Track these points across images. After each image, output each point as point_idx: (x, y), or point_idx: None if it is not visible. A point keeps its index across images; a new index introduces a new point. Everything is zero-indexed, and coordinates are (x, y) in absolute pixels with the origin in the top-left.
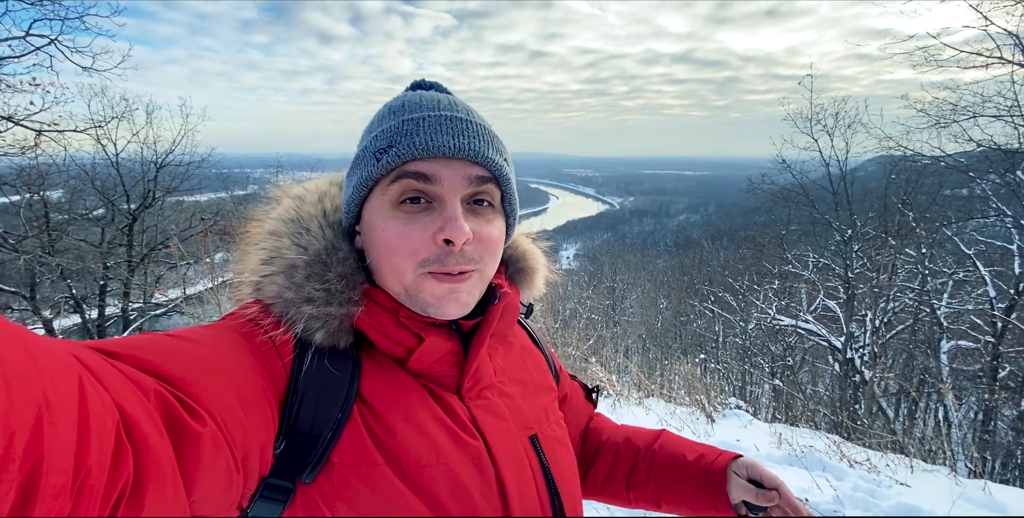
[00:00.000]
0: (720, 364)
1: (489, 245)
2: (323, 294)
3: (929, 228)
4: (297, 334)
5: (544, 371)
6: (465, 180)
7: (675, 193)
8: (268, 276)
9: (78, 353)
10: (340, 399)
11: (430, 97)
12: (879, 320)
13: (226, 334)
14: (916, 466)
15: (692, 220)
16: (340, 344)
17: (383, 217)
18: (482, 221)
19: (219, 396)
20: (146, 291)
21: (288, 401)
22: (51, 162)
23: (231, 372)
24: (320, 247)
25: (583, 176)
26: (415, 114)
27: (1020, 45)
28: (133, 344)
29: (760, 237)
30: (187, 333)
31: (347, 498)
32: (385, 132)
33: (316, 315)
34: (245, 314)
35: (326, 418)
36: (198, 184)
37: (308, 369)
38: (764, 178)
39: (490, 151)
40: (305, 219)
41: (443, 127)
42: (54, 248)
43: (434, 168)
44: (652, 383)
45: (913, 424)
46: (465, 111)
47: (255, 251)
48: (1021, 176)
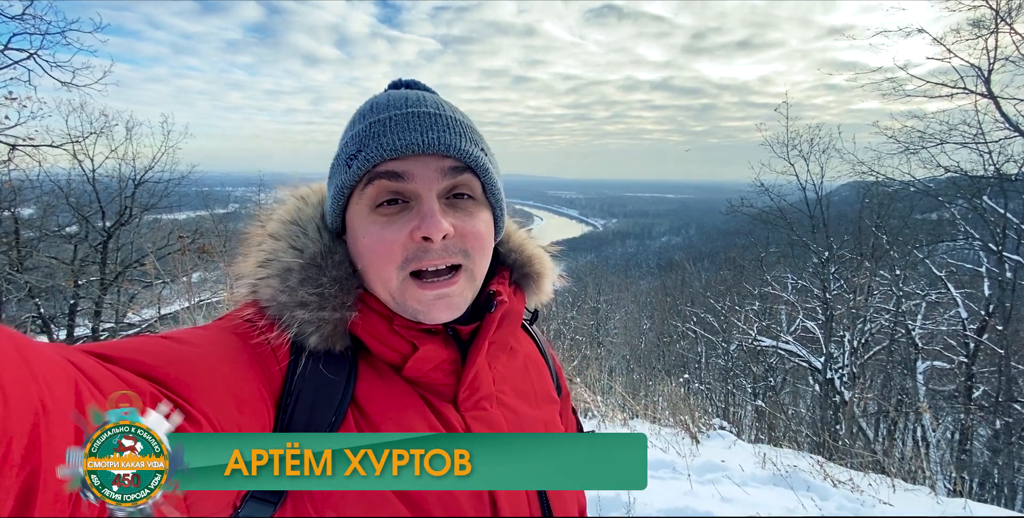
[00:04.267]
0: (703, 385)
1: (474, 239)
2: (316, 299)
3: (902, 251)
4: (291, 338)
5: (547, 381)
6: (439, 173)
7: (657, 215)
8: (264, 279)
9: (73, 357)
10: (335, 402)
11: (399, 96)
12: (857, 341)
13: (221, 335)
14: (898, 485)
15: (674, 242)
16: (336, 348)
17: (363, 224)
18: (463, 215)
19: (214, 398)
20: (119, 310)
21: (283, 402)
22: (24, 178)
23: (226, 373)
24: (316, 251)
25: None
26: (382, 115)
27: (982, 77)
28: (128, 347)
29: (740, 259)
30: (182, 335)
31: (335, 502)
32: (354, 137)
33: (309, 319)
34: (241, 315)
35: (320, 420)
36: (177, 202)
37: (303, 372)
38: (743, 201)
39: (462, 142)
40: (304, 221)
41: (410, 124)
42: (23, 266)
43: (404, 166)
44: (637, 404)
45: (893, 444)
46: (435, 105)
47: (255, 252)
48: (988, 201)
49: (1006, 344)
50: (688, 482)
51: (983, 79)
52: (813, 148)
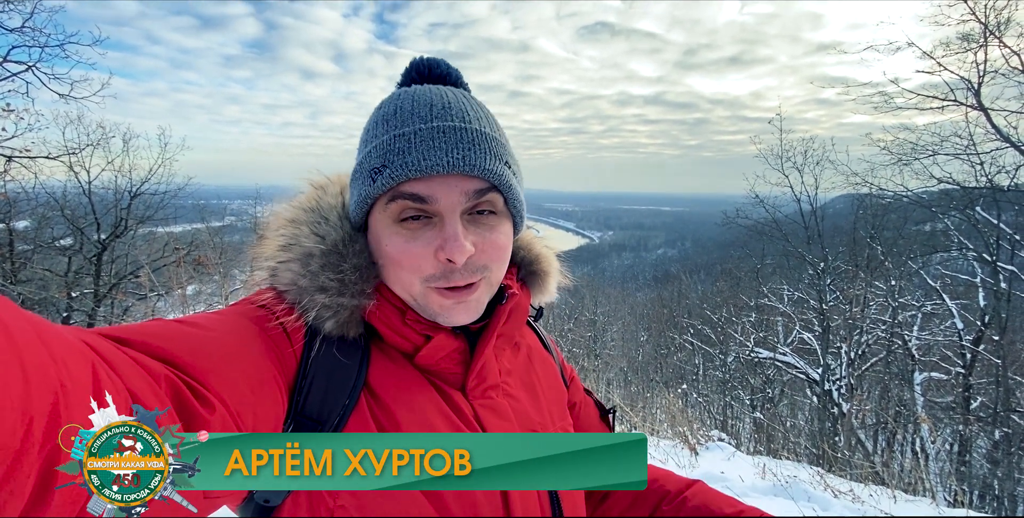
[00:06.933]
0: (701, 397)
1: (495, 252)
2: (337, 284)
3: (897, 262)
4: (308, 322)
5: (553, 374)
6: (463, 196)
7: (653, 228)
8: (284, 262)
9: (89, 340)
10: (348, 386)
11: (424, 100)
12: (854, 352)
13: (236, 320)
14: (898, 496)
15: (670, 254)
16: (350, 334)
17: (386, 232)
18: (485, 229)
19: (229, 381)
20: (112, 323)
21: (297, 386)
22: (20, 190)
23: (241, 357)
24: (337, 238)
25: (563, 210)
26: (407, 127)
27: (973, 89)
28: (143, 331)
29: (736, 270)
30: (197, 319)
31: (361, 500)
32: (378, 148)
33: (328, 304)
34: (258, 300)
35: (334, 404)
36: (173, 214)
37: (317, 356)
38: (739, 213)
39: (488, 161)
40: (325, 209)
41: (436, 141)
42: (16, 278)
43: (429, 188)
44: (635, 416)
45: (892, 456)
46: (460, 115)
47: (274, 237)
48: (981, 212)
49: (1003, 355)
50: None
51: (973, 92)
52: (807, 160)
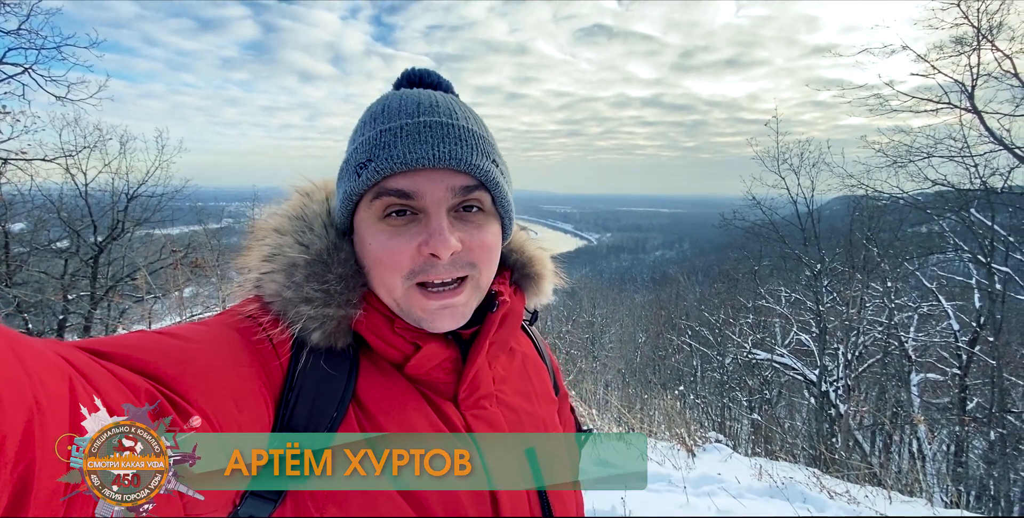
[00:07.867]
0: (699, 398)
1: (482, 252)
2: (322, 295)
3: (893, 263)
4: (295, 334)
5: (546, 381)
6: (449, 192)
7: (650, 229)
8: (268, 273)
9: (66, 353)
10: (336, 398)
11: (412, 99)
12: (851, 353)
13: (221, 331)
14: (894, 497)
15: (668, 256)
16: (337, 345)
17: (371, 230)
18: (472, 227)
19: (212, 394)
20: (108, 325)
21: (283, 399)
22: (16, 192)
23: (226, 370)
24: (322, 247)
25: (561, 212)
26: (393, 122)
27: (966, 92)
28: (123, 343)
29: (734, 272)
30: (180, 330)
31: (337, 500)
32: (365, 143)
33: (314, 316)
34: (244, 311)
35: (321, 417)
36: (170, 216)
37: (304, 368)
38: (736, 214)
39: (475, 156)
40: (309, 217)
41: (422, 136)
42: (12, 280)
43: (415, 183)
44: (632, 417)
45: (889, 457)
46: (447, 112)
47: (258, 247)
48: (976, 214)
49: (998, 355)
50: (684, 495)
51: (967, 94)
52: (803, 162)
